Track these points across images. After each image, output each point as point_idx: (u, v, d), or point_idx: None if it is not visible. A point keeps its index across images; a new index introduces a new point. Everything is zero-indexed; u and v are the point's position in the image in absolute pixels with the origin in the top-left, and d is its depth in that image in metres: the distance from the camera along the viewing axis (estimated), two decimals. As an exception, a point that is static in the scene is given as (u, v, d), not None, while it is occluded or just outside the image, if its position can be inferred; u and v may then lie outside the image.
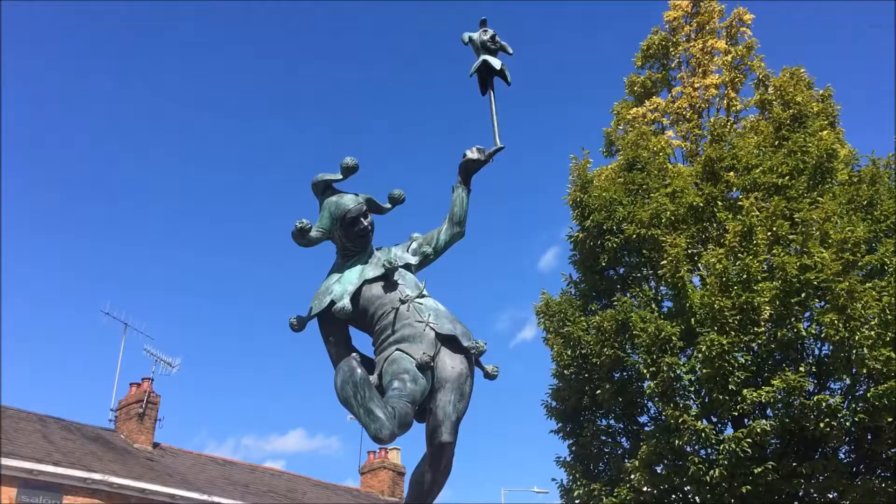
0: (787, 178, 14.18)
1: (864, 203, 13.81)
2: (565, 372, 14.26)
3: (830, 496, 12.30)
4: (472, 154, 6.20)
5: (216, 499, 23.53)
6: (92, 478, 20.95)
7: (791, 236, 13.24)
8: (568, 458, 14.39)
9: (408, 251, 6.28)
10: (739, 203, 14.08)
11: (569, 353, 14.12)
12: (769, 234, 13.24)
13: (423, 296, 5.99)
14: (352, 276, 5.95)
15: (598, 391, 13.36)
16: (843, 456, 12.66)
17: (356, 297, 5.85)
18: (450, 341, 5.79)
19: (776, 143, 15.17)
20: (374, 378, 5.44)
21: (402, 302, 5.85)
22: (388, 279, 5.93)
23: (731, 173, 14.77)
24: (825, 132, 14.81)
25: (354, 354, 5.37)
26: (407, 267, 6.12)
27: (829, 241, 12.71)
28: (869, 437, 12.33)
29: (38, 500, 19.98)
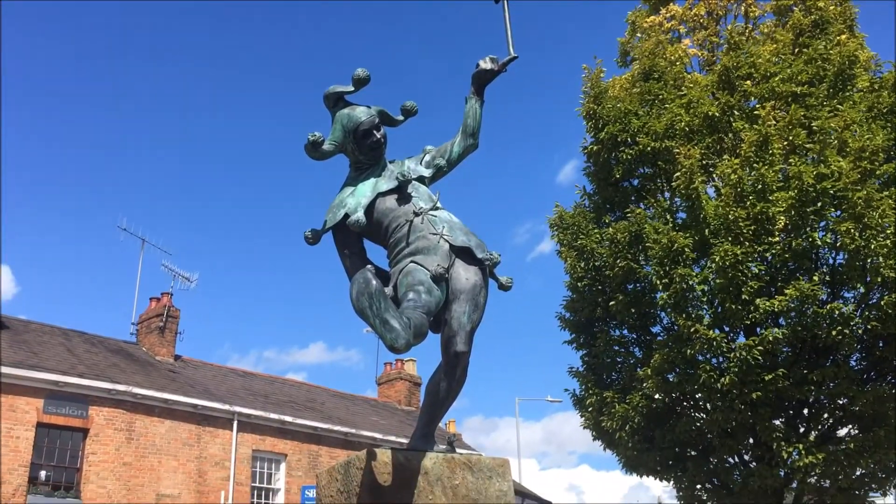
0: (805, 86, 13.92)
1: (885, 110, 13.56)
2: (579, 284, 14.36)
3: (840, 402, 12.51)
4: (486, 64, 6.12)
5: (237, 408, 24.18)
6: (116, 389, 21.53)
7: (808, 145, 13.08)
8: (580, 369, 14.62)
9: (421, 164, 6.27)
10: (756, 112, 13.87)
11: (582, 265, 14.19)
12: (786, 143, 13.08)
13: (436, 208, 6.01)
14: (365, 189, 5.96)
15: (612, 302, 13.47)
16: (853, 363, 12.80)
17: (370, 209, 5.87)
18: (464, 253, 5.83)
19: (795, 50, 14.84)
20: (388, 290, 5.50)
21: (416, 214, 5.87)
22: (401, 192, 5.94)
23: (748, 82, 14.51)
24: (844, 36, 14.45)
25: (369, 266, 5.42)
26: (420, 179, 6.12)
27: (847, 149, 12.55)
28: (881, 344, 12.44)
29: (65, 410, 20.60)
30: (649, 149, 14.11)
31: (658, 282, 12.43)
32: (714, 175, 13.95)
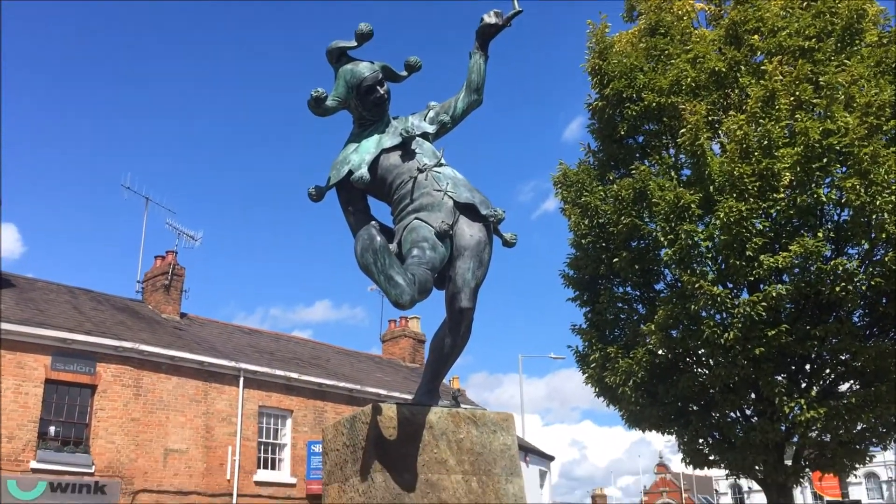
0: (813, 40, 13.75)
1: (893, 65, 13.41)
2: (582, 241, 14.35)
3: (842, 358, 12.57)
4: (490, 18, 6.06)
5: (244, 365, 24.39)
6: (123, 346, 21.71)
7: (815, 101, 12.96)
8: (584, 326, 14.68)
9: (425, 120, 6.24)
10: (763, 68, 13.73)
11: (586, 222, 14.17)
12: (792, 98, 12.97)
13: (440, 164, 5.99)
14: (369, 146, 5.94)
15: (615, 259, 13.47)
16: (856, 319, 12.84)
17: (374, 166, 5.86)
18: (468, 210, 5.83)
19: (803, 4, 14.64)
20: (393, 247, 5.51)
21: (420, 171, 5.85)
22: (405, 148, 5.92)
23: (756, 37, 14.34)
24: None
25: (374, 223, 5.42)
26: (424, 136, 6.09)
27: (854, 104, 12.45)
28: (883, 300, 12.46)
29: (72, 367, 20.79)
30: (654, 105, 14.00)
31: (663, 238, 12.42)
32: (719, 131, 13.87)
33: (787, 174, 12.06)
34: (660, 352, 12.81)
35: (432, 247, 5.41)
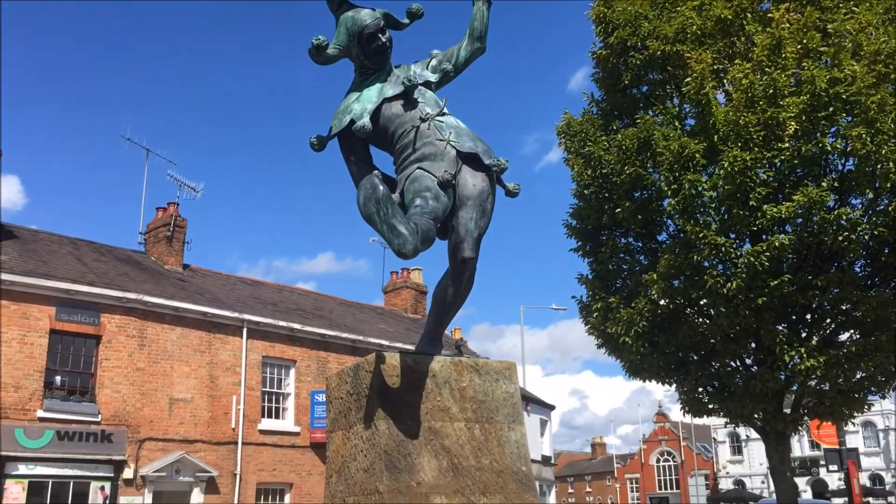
0: (822, -14, 13.51)
1: (902, 12, 13.20)
2: (585, 192, 14.29)
3: (843, 308, 12.61)
4: (493, -37, 5.97)
5: (247, 316, 24.53)
6: (127, 297, 21.81)
7: (822, 49, 12.79)
8: (588, 276, 14.70)
9: (427, 68, 6.18)
10: (770, 15, 13.51)
11: (589, 172, 14.10)
12: (799, 46, 12.79)
13: (443, 114, 5.94)
14: (371, 95, 5.89)
15: (618, 209, 13.44)
16: (858, 269, 12.85)
17: (376, 115, 5.81)
18: (471, 159, 5.79)
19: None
20: (396, 196, 5.49)
21: (423, 120, 5.81)
22: (407, 97, 5.87)
23: (763, -17, 14.09)
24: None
25: (376, 172, 5.40)
26: (427, 84, 6.03)
27: (862, 52, 12.28)
28: (886, 250, 12.45)
29: (77, 318, 20.92)
30: (659, 53, 13.83)
31: (667, 188, 12.36)
32: (725, 80, 13.71)
33: (793, 123, 11.95)
34: (661, 302, 12.85)
35: (435, 196, 5.39)
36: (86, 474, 20.24)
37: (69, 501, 19.93)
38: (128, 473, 20.97)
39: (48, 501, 19.60)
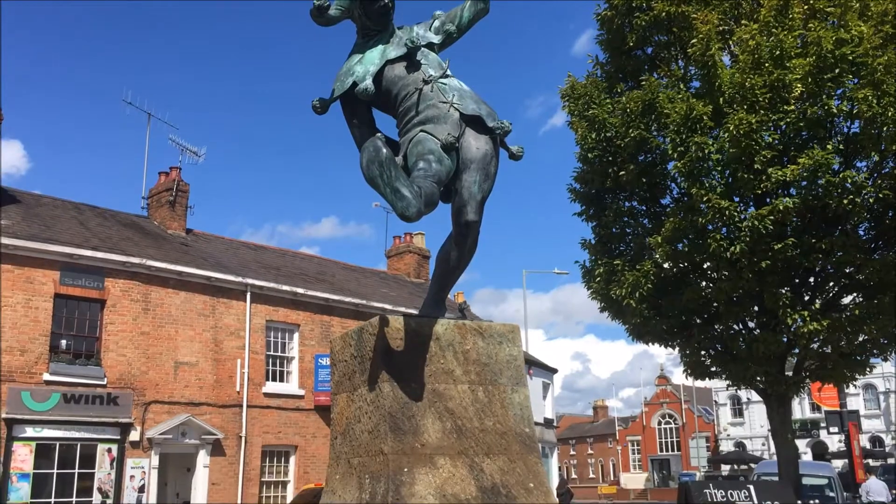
0: (830, -55, 13.30)
1: (911, -28, 13.00)
2: (589, 155, 14.22)
3: (846, 271, 12.60)
4: (497, -80, 5.86)
5: (250, 280, 24.60)
6: (130, 261, 21.86)
7: (829, 9, 12.63)
8: (591, 240, 14.68)
9: (430, 30, 6.12)
10: (777, -26, 13.31)
11: (593, 136, 14.01)
12: (806, 7, 12.64)
13: (446, 76, 5.89)
14: (373, 57, 5.83)
15: (622, 173, 13.38)
16: (862, 232, 12.82)
17: (378, 77, 5.76)
18: (474, 122, 5.76)
19: None
20: (398, 159, 5.47)
21: (426, 82, 5.76)
22: (410, 59, 5.82)
23: (771, -59, 13.85)
24: None
25: (379, 135, 5.37)
26: (430, 46, 5.98)
27: (869, 13, 12.14)
28: (890, 213, 12.41)
29: (81, 282, 21.00)
30: (664, 14, 13.67)
31: (672, 151, 12.29)
32: (731, 42, 13.56)
33: (799, 86, 11.84)
34: (665, 265, 12.84)
35: (438, 159, 5.37)
36: (92, 436, 20.46)
37: (76, 463, 20.18)
38: (134, 436, 21.20)
39: (56, 463, 19.84)
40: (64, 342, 20.63)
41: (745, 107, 11.82)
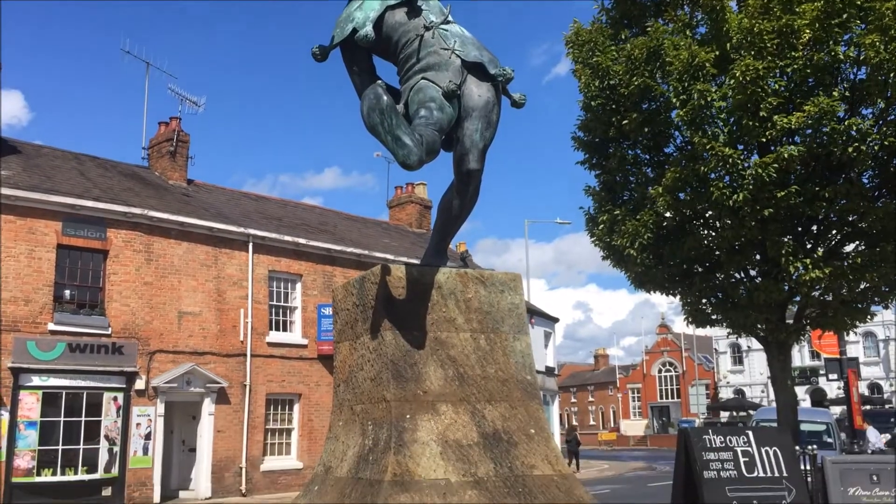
0: None
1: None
2: (593, 103, 14.08)
3: (849, 219, 12.57)
4: None
5: (252, 231, 24.61)
6: (132, 212, 21.85)
7: (839, -48, 12.37)
8: (595, 187, 14.62)
9: (430, -26, 6.01)
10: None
11: (597, 83, 13.86)
12: (815, -51, 12.37)
13: (448, 22, 5.81)
14: (373, 3, 5.75)
15: (625, 121, 13.26)
16: (866, 180, 12.76)
17: (378, 24, 5.69)
18: (476, 69, 5.69)
19: None
20: (400, 107, 5.42)
21: (427, 28, 5.69)
22: (411, 5, 5.74)
23: None
24: None
25: (380, 82, 5.31)
26: (430, -9, 5.89)
27: (879, -43, 11.89)
28: (894, 161, 12.33)
29: (83, 233, 21.02)
30: (670, -42, 13.40)
31: (675, 99, 12.17)
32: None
33: (807, 31, 11.67)
34: (667, 214, 12.81)
35: (440, 107, 5.32)
36: (98, 385, 20.69)
37: (83, 411, 20.44)
38: (139, 384, 21.42)
39: (62, 411, 20.10)
40: (68, 292, 20.73)
41: (753, 53, 11.66)
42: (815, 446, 8.26)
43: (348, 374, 5.86)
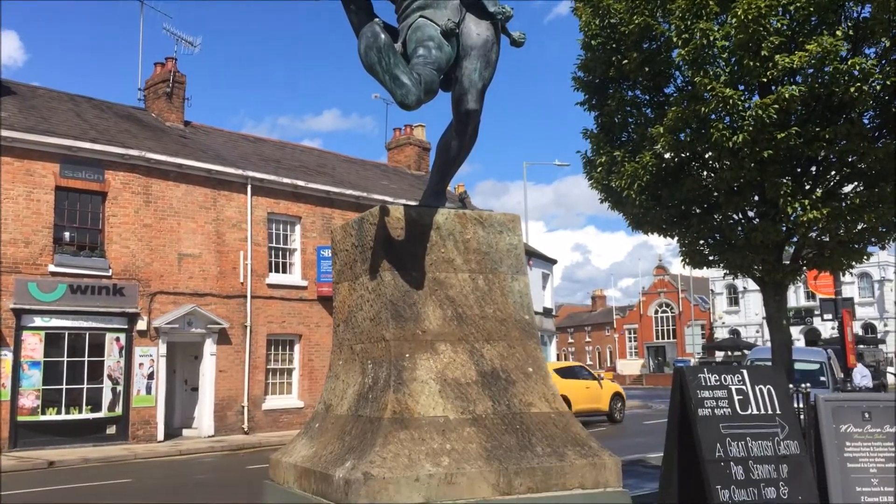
0: None
1: None
2: (593, 43, 13.87)
3: (849, 160, 12.51)
4: None
5: (251, 173, 24.55)
6: (130, 154, 21.77)
7: None
8: (594, 129, 14.50)
9: None
10: None
11: (597, 22, 13.63)
12: None
13: (446, -42, 5.70)
14: (370, -62, 5.65)
15: (626, 61, 13.10)
16: (867, 121, 12.65)
17: (376, -40, 5.59)
18: (475, 7, 5.63)
19: None
20: (398, 46, 5.37)
21: (425, -35, 5.59)
22: (408, -60, 5.62)
23: None
24: None
25: (377, 20, 5.25)
26: (428, -74, 5.77)
27: None
28: (896, 101, 12.24)
29: (81, 174, 20.97)
30: None
31: (677, 38, 11.99)
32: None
33: (810, -33, 11.45)
34: (667, 155, 12.73)
35: (438, 46, 5.27)
36: (100, 326, 20.88)
37: (86, 351, 20.67)
38: (141, 325, 21.62)
39: (65, 351, 20.33)
40: (67, 234, 20.78)
41: (755, -10, 11.46)
42: (808, 385, 8.39)
43: (348, 315, 5.92)
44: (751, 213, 13.68)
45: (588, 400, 25.35)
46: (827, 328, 53.48)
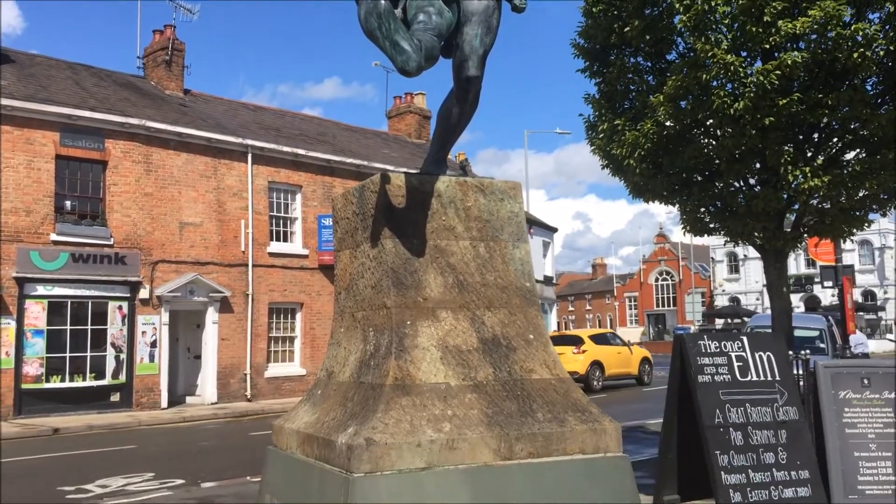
0: None
1: None
2: (594, 9, 13.75)
3: (851, 127, 12.45)
4: None
5: (251, 141, 24.47)
6: (130, 122, 21.69)
7: None
8: (595, 95, 14.41)
9: None
10: None
11: (599, -12, 13.51)
12: None
13: (446, -77, 5.64)
14: None
15: (627, 28, 13.00)
16: (869, 87, 12.57)
17: (376, -76, 5.52)
18: (475, -28, 5.58)
19: None
20: (398, 12, 5.33)
21: (425, -70, 5.52)
22: None
23: None
24: None
25: (378, -14, 5.20)
26: None
27: None
28: (900, 67, 12.14)
29: (81, 143, 20.91)
30: None
31: (678, 4, 11.89)
32: None
33: (814, -70, 11.30)
34: (668, 123, 12.67)
35: (438, 12, 5.24)
36: (103, 294, 20.96)
37: (89, 320, 20.77)
38: (143, 294, 21.70)
39: (68, 320, 20.42)
40: (68, 203, 20.79)
41: (758, -46, 11.33)
42: (808, 351, 8.43)
43: (349, 282, 5.94)
44: (752, 181, 13.65)
45: (620, 364, 27.08)
46: (827, 295, 53.62)
